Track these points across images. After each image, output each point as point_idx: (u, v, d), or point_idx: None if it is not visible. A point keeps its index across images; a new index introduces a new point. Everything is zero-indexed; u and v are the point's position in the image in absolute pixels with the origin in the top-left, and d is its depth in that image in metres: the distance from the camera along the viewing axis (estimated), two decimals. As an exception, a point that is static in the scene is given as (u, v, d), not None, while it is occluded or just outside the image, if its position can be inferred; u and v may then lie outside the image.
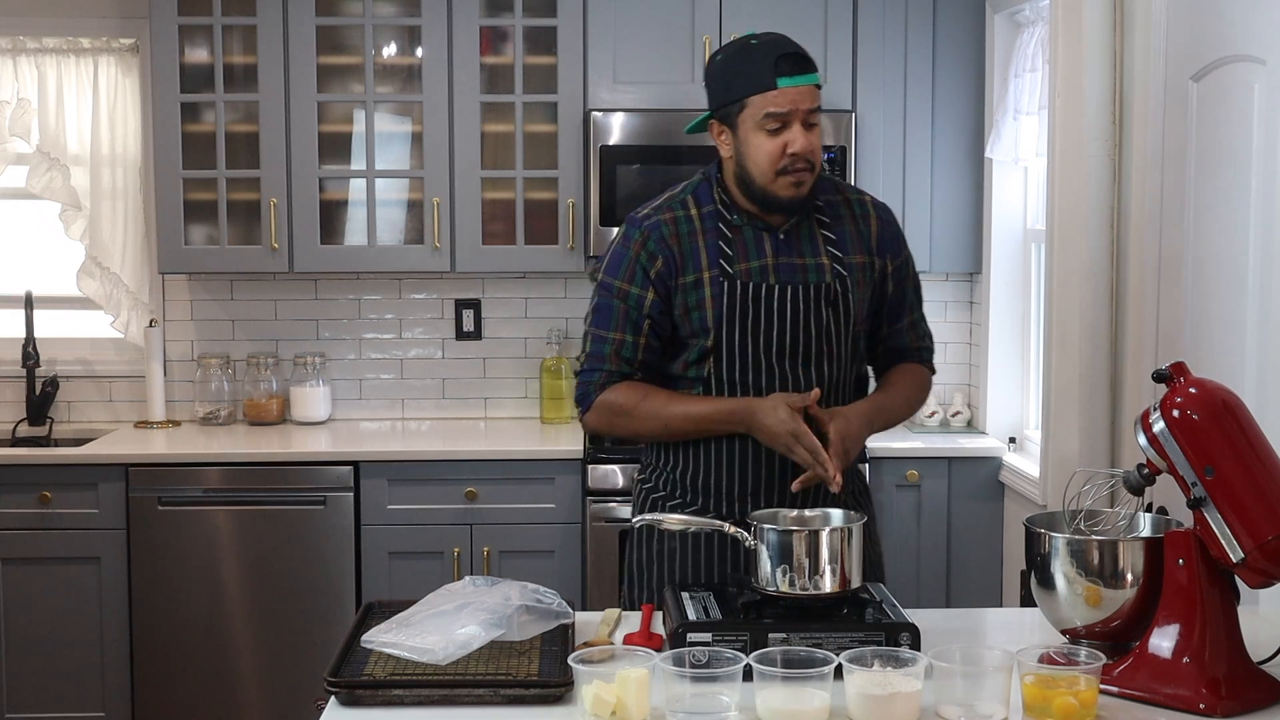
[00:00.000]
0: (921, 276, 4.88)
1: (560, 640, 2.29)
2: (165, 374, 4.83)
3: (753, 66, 2.59)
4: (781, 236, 2.64)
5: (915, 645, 2.17)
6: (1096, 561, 2.15)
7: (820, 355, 2.62)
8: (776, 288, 2.60)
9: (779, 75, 2.56)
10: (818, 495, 2.62)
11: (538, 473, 4.37)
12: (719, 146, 2.67)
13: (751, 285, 2.60)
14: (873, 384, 2.80)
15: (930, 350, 2.83)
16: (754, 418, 2.52)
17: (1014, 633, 2.47)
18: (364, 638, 2.26)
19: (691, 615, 2.26)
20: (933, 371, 2.83)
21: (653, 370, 2.67)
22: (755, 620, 2.25)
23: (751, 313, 2.60)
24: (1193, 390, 2.09)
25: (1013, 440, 4.58)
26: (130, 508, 4.31)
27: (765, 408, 2.51)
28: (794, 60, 2.58)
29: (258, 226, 4.60)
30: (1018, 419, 4.65)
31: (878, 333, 2.76)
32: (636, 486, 2.82)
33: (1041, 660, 2.01)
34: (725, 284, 2.60)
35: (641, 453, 2.84)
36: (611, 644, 2.31)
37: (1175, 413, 2.08)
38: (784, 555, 2.26)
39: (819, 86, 2.62)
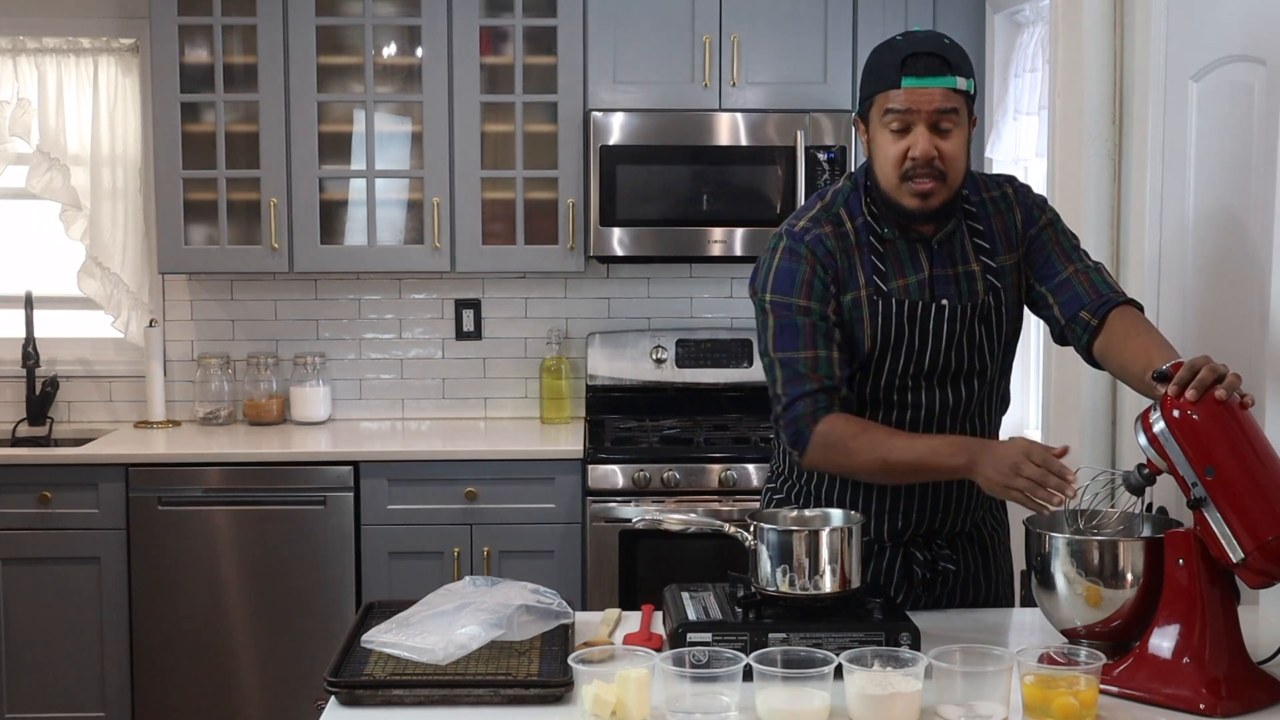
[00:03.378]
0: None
1: (560, 640, 2.29)
2: (165, 374, 4.83)
3: (885, 62, 2.44)
4: (936, 246, 2.51)
5: (915, 645, 2.17)
6: (1096, 561, 2.15)
7: (971, 372, 2.53)
8: (933, 305, 2.48)
9: (905, 74, 2.40)
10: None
11: (538, 473, 4.37)
12: (863, 147, 2.55)
13: (907, 304, 2.48)
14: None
15: (1110, 283, 2.51)
16: (984, 450, 2.29)
17: (1014, 633, 2.46)
18: (364, 638, 2.26)
19: (691, 615, 2.26)
20: (1136, 303, 2.51)
21: (853, 383, 2.51)
22: (755, 620, 2.25)
23: (907, 333, 2.49)
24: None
25: (1013, 440, 4.57)
26: (130, 508, 4.31)
27: (999, 442, 2.33)
28: (925, 60, 2.40)
29: (258, 226, 4.60)
30: (1018, 419, 4.64)
31: (1042, 302, 2.54)
32: (765, 493, 2.76)
33: (1041, 660, 2.01)
34: (880, 303, 2.48)
35: (772, 459, 2.75)
36: (611, 644, 2.31)
37: (1175, 413, 2.08)
38: (784, 555, 2.26)
39: (959, 91, 2.42)
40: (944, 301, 2.49)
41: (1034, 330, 4.52)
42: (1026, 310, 2.65)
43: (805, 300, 2.47)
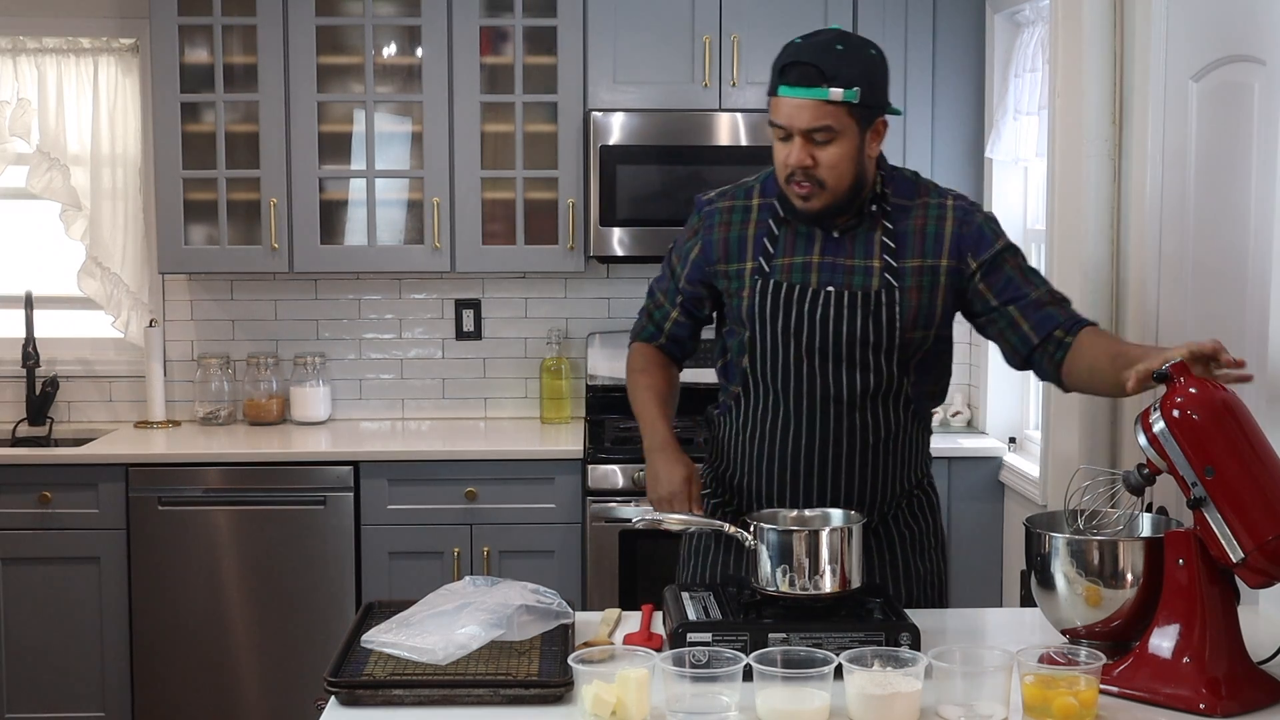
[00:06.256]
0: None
1: (560, 640, 2.29)
2: (165, 374, 4.83)
3: (774, 67, 2.51)
4: (835, 235, 2.56)
5: (915, 645, 2.17)
6: (1096, 561, 2.15)
7: (854, 363, 2.55)
8: (811, 290, 2.54)
9: (781, 84, 2.48)
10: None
11: (538, 473, 4.37)
12: None
13: (785, 284, 2.55)
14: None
15: (1074, 311, 2.57)
16: (652, 455, 2.67)
17: (1014, 633, 2.46)
18: (364, 638, 2.26)
19: (691, 615, 2.26)
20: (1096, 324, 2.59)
21: (684, 343, 2.81)
22: (755, 620, 2.25)
23: (783, 312, 2.55)
24: (1193, 390, 2.09)
25: (1013, 440, 4.58)
26: (130, 508, 4.31)
27: (665, 463, 2.63)
28: (802, 71, 2.45)
29: (258, 226, 4.60)
30: (1018, 419, 4.64)
31: (1008, 325, 2.55)
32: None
33: (1041, 660, 2.01)
34: (759, 280, 2.57)
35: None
36: (611, 644, 2.31)
37: (1175, 413, 2.08)
38: (784, 555, 2.26)
39: (836, 102, 2.44)
40: (829, 288, 2.54)
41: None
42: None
43: (676, 260, 2.75)
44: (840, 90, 2.45)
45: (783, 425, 2.60)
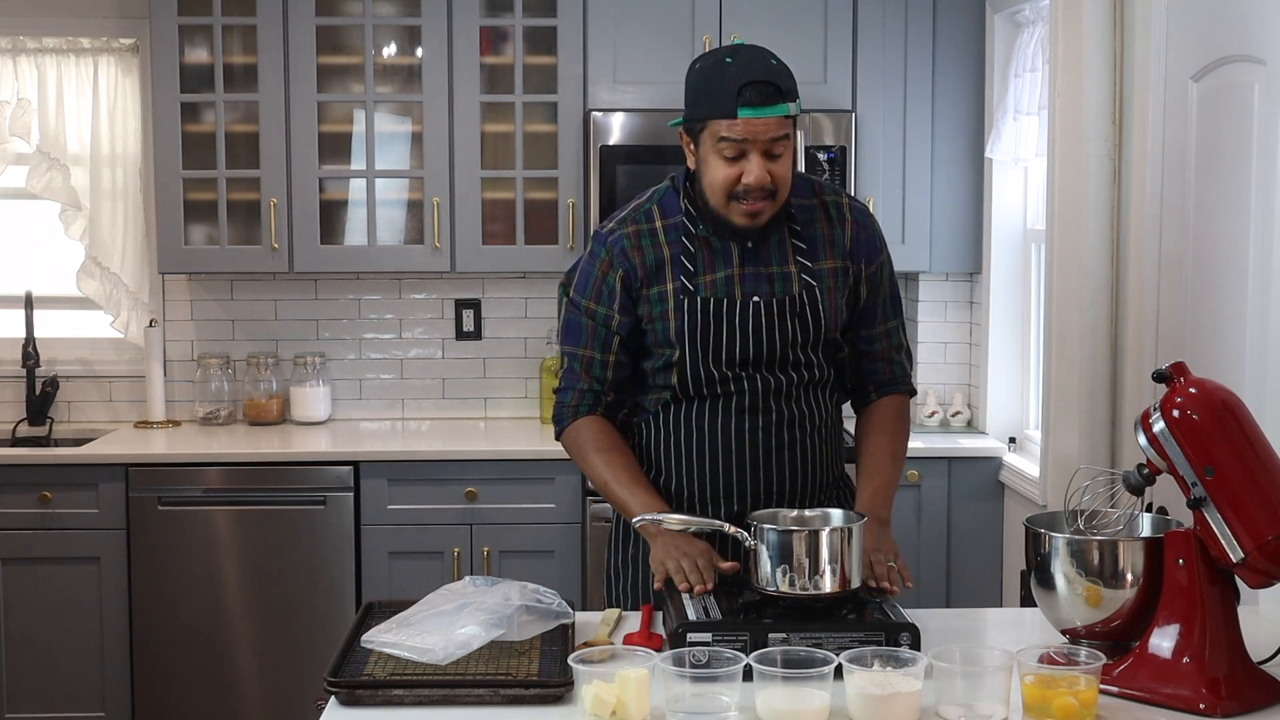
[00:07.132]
0: (921, 276, 4.92)
1: (560, 640, 2.29)
2: (165, 374, 4.83)
3: (719, 89, 2.46)
4: (750, 245, 2.58)
5: (915, 645, 2.17)
6: (1096, 561, 2.15)
7: (786, 362, 2.58)
8: (739, 301, 2.56)
9: (741, 105, 2.44)
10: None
11: (538, 473, 4.37)
12: (686, 154, 2.59)
13: (713, 300, 2.56)
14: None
15: (904, 364, 2.73)
16: (652, 541, 2.52)
17: (1014, 633, 2.47)
18: (364, 638, 2.26)
19: (691, 615, 2.26)
20: (911, 391, 2.74)
21: (627, 388, 2.67)
22: (755, 620, 2.25)
23: (713, 328, 2.56)
24: (1193, 390, 2.09)
25: (1013, 440, 4.58)
26: (130, 508, 4.31)
27: (684, 538, 2.47)
28: (761, 89, 2.44)
29: (258, 226, 4.60)
30: (1018, 419, 4.64)
31: (847, 335, 2.68)
32: None
33: (1041, 660, 2.01)
34: (686, 300, 2.56)
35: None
36: (611, 644, 2.31)
37: (1175, 413, 2.08)
38: (784, 555, 2.26)
39: (790, 117, 2.48)
40: (755, 299, 2.56)
41: (1034, 330, 4.52)
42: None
43: (593, 303, 2.63)
44: (794, 105, 2.49)
45: (723, 422, 2.60)
